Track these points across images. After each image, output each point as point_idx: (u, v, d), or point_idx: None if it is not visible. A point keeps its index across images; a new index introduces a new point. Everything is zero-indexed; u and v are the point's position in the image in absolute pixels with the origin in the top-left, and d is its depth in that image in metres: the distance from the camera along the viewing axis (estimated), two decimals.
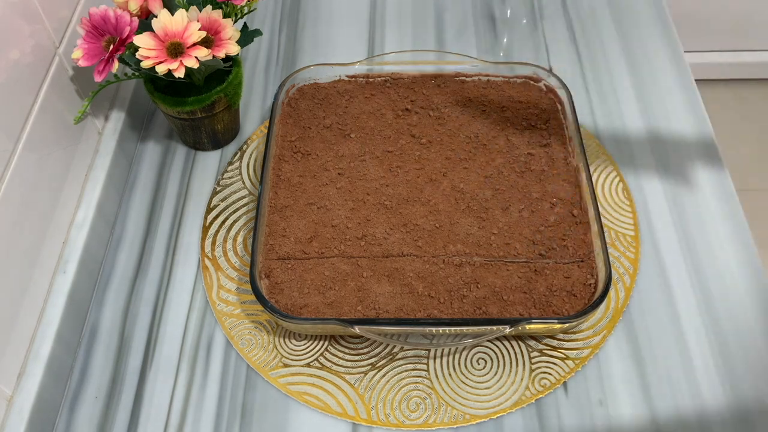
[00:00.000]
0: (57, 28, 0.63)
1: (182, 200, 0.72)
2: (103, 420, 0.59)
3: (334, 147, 0.70)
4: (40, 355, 0.57)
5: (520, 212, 0.64)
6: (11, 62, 0.56)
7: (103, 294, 0.66)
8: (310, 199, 0.66)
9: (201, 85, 0.68)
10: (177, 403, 0.59)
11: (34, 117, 0.59)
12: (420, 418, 0.58)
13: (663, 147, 0.74)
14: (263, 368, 0.60)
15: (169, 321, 0.64)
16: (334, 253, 0.62)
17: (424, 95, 0.73)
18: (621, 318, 0.62)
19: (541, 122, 0.71)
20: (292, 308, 0.59)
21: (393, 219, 0.64)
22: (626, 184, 0.71)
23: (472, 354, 0.61)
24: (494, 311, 0.58)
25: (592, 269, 0.60)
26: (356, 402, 0.59)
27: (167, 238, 0.69)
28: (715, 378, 0.59)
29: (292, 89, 0.73)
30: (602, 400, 0.58)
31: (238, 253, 0.67)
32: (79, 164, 0.68)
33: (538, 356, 0.60)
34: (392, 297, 0.59)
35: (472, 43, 0.85)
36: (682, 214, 0.69)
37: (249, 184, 0.72)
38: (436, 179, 0.67)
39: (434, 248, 0.62)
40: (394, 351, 0.61)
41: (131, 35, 0.61)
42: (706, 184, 0.71)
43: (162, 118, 0.78)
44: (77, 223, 0.65)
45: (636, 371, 0.60)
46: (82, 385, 0.61)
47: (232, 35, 0.63)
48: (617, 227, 0.68)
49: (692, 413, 0.58)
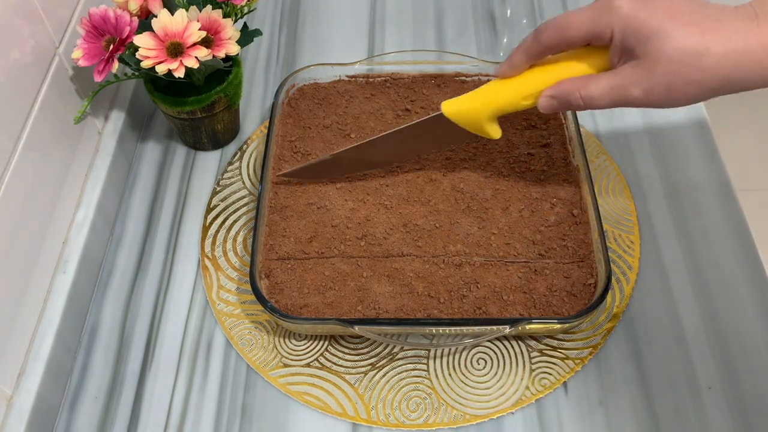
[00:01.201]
0: (57, 28, 0.63)
1: (182, 200, 0.72)
2: (103, 420, 0.59)
3: (334, 147, 0.70)
4: (40, 355, 0.57)
5: (520, 212, 0.64)
6: (11, 62, 0.56)
7: (103, 294, 0.66)
8: (310, 199, 0.66)
9: (201, 85, 0.68)
10: (177, 403, 0.59)
11: (34, 117, 0.59)
12: (420, 418, 0.58)
13: (663, 147, 0.74)
14: (263, 368, 0.60)
15: (169, 321, 0.64)
16: (334, 253, 0.62)
17: (424, 95, 0.73)
18: (621, 318, 0.62)
19: (541, 122, 0.71)
20: (292, 308, 0.59)
21: (393, 219, 0.64)
22: (626, 184, 0.71)
23: (472, 354, 0.61)
24: (494, 311, 0.58)
25: (592, 269, 0.60)
26: (356, 402, 0.59)
27: (167, 238, 0.69)
28: (716, 378, 0.59)
29: (292, 89, 0.73)
30: (602, 400, 0.58)
31: (238, 253, 0.67)
32: (79, 164, 0.68)
33: (538, 356, 0.60)
34: (392, 297, 0.59)
35: (472, 43, 0.85)
36: (682, 214, 0.69)
37: (249, 184, 0.72)
38: (436, 179, 0.67)
39: (434, 248, 0.62)
40: (394, 351, 0.61)
41: (131, 35, 0.61)
42: (706, 183, 0.71)
43: (162, 118, 0.78)
44: (77, 223, 0.65)
45: (636, 371, 0.60)
46: (82, 385, 0.61)
47: (232, 35, 0.64)
48: (617, 227, 0.68)
49: (692, 413, 0.58)
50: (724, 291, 0.64)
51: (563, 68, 0.51)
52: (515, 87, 0.54)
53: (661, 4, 0.46)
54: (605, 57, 0.50)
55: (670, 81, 0.46)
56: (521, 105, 0.54)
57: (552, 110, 0.52)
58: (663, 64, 0.46)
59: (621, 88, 0.48)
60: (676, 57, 0.45)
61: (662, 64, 0.46)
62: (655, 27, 0.45)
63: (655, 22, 0.45)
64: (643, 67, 0.46)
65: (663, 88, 0.46)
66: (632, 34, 0.46)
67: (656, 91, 0.47)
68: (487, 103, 0.55)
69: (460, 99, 0.57)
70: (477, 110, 0.56)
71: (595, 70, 0.50)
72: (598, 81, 0.49)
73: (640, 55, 0.46)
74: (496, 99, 0.55)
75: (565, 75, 0.51)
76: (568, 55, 0.52)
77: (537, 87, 0.52)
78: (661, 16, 0.45)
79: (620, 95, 0.48)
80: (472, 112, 0.56)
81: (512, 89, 0.54)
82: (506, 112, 0.55)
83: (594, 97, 0.49)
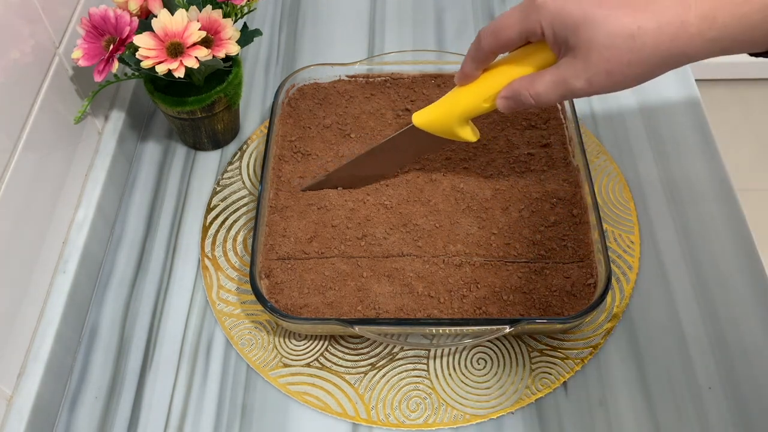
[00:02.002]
0: (57, 28, 0.63)
1: (182, 200, 0.72)
2: (103, 420, 0.59)
3: (335, 147, 0.70)
4: (40, 355, 0.57)
5: (520, 212, 0.64)
6: (11, 62, 0.56)
7: (103, 294, 0.66)
8: (310, 200, 0.66)
9: (201, 85, 0.68)
10: (177, 403, 0.59)
11: (34, 117, 0.59)
12: (420, 418, 0.58)
13: (663, 147, 0.74)
14: (263, 368, 0.60)
15: (169, 321, 0.64)
16: (334, 253, 0.62)
17: (424, 95, 0.73)
18: (621, 318, 0.62)
19: (541, 122, 0.71)
20: (292, 308, 0.59)
21: (393, 219, 0.64)
22: (626, 183, 0.71)
23: (472, 354, 0.61)
24: (494, 311, 0.58)
25: (592, 269, 0.60)
26: (356, 402, 0.59)
27: (167, 238, 0.69)
28: (716, 378, 0.59)
29: (292, 89, 0.73)
30: (602, 400, 0.58)
31: (238, 253, 0.67)
32: (79, 164, 0.68)
33: (538, 356, 0.60)
34: (392, 297, 0.59)
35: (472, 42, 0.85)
36: (682, 214, 0.69)
37: (249, 184, 0.72)
38: (436, 179, 0.67)
39: (434, 248, 0.62)
40: (394, 351, 0.61)
41: (131, 35, 0.61)
42: (706, 183, 0.71)
43: (162, 118, 0.78)
44: (77, 223, 0.65)
45: (636, 371, 0.60)
46: (82, 385, 0.61)
47: (232, 35, 0.64)
48: (617, 227, 0.68)
49: (692, 413, 0.58)
50: (724, 291, 0.64)
51: (513, 68, 0.52)
52: (474, 92, 0.55)
53: None
54: (550, 52, 0.50)
55: (608, 67, 0.46)
56: (483, 107, 0.55)
57: (510, 110, 0.53)
58: (597, 51, 0.45)
59: (563, 83, 0.48)
60: (608, 42, 0.45)
61: (596, 52, 0.45)
62: (581, 16, 0.45)
63: (581, 12, 0.45)
64: (579, 58, 0.46)
65: (603, 76, 0.46)
66: (561, 26, 0.46)
67: (597, 80, 0.47)
68: (452, 109, 0.57)
69: (427, 109, 0.59)
70: (444, 117, 0.58)
71: (545, 65, 0.51)
72: (543, 78, 0.50)
73: (573, 46, 0.46)
74: (458, 105, 0.57)
75: (516, 75, 0.52)
76: (516, 54, 0.53)
77: (493, 89, 0.54)
78: (588, 4, 0.45)
79: (565, 89, 0.48)
80: (440, 120, 0.58)
81: (471, 94, 0.55)
82: (472, 116, 0.57)
83: (540, 93, 0.50)
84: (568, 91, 0.48)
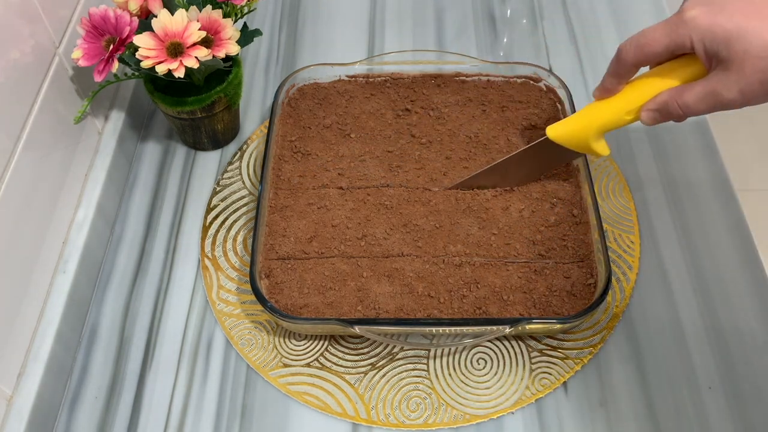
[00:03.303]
0: (57, 28, 0.63)
1: (182, 200, 0.72)
2: (103, 420, 0.59)
3: (334, 147, 0.70)
4: (40, 355, 0.57)
5: (520, 212, 0.64)
6: (11, 62, 0.56)
7: (103, 294, 0.66)
8: (310, 199, 0.66)
9: (201, 85, 0.68)
10: (177, 403, 0.59)
11: (34, 117, 0.59)
12: (420, 418, 0.58)
13: (663, 147, 0.74)
14: (263, 368, 0.60)
15: (169, 321, 0.64)
16: (334, 253, 0.62)
17: (424, 95, 0.73)
18: (621, 318, 0.62)
19: (541, 122, 0.71)
20: (292, 308, 0.59)
21: (393, 219, 0.64)
22: (626, 183, 0.71)
23: (472, 354, 0.61)
24: (494, 311, 0.58)
25: (592, 269, 0.60)
26: (356, 402, 0.59)
27: (167, 238, 0.69)
28: (716, 378, 0.59)
29: (292, 89, 0.73)
30: (602, 401, 0.58)
31: (238, 253, 0.67)
32: (79, 164, 0.68)
33: (538, 356, 0.60)
34: (392, 297, 0.59)
35: (472, 43, 0.85)
36: (682, 214, 0.69)
37: (249, 184, 0.72)
38: (437, 179, 0.67)
39: (434, 248, 0.62)
40: (394, 351, 0.61)
41: (131, 35, 0.61)
42: (706, 183, 0.71)
43: (162, 118, 0.78)
44: (77, 222, 0.65)
45: (636, 371, 0.60)
46: (82, 385, 0.61)
47: (232, 35, 0.64)
48: (617, 227, 0.68)
49: (692, 413, 0.58)
50: (724, 291, 0.64)
51: (660, 81, 0.53)
52: (616, 105, 0.56)
53: (738, 6, 0.47)
54: (700, 65, 0.51)
55: (762, 77, 0.47)
56: (624, 120, 0.56)
57: (655, 122, 0.54)
58: (751, 62, 0.47)
59: (714, 94, 0.49)
60: (764, 53, 0.46)
61: (750, 63, 0.47)
62: (734, 29, 0.47)
63: (733, 25, 0.47)
64: (732, 70, 0.48)
65: (757, 86, 0.47)
66: (712, 40, 0.48)
67: (752, 90, 0.48)
68: (591, 123, 0.58)
69: (564, 122, 0.61)
70: (581, 131, 0.59)
71: (693, 78, 0.52)
72: (693, 89, 0.51)
73: (725, 58, 0.48)
74: (599, 118, 0.57)
75: (662, 87, 0.53)
76: (663, 68, 0.53)
77: (638, 102, 0.54)
78: (739, 17, 0.47)
79: (715, 100, 0.50)
80: (576, 133, 0.59)
81: (612, 107, 0.56)
82: (610, 129, 0.58)
83: (690, 104, 0.51)
84: (719, 103, 0.50)
